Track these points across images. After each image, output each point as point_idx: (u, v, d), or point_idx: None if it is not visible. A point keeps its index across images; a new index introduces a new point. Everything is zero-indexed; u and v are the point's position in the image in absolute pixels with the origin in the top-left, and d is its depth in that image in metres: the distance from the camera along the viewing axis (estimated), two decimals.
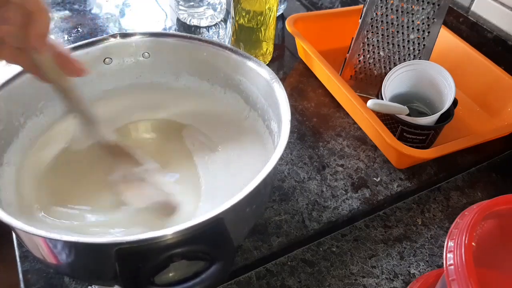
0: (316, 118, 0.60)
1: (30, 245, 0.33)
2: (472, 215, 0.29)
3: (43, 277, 0.40)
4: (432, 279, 0.42)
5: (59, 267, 0.34)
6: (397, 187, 0.51)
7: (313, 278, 0.43)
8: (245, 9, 0.61)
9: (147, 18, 0.78)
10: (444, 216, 0.51)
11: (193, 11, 0.75)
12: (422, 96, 0.58)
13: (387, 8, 0.57)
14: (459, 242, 0.28)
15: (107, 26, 0.75)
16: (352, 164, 0.54)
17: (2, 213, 0.30)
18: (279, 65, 0.70)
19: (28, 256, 0.41)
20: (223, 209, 0.30)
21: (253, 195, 0.32)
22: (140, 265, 0.28)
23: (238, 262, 0.42)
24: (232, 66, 0.47)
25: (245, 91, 0.48)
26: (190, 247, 0.29)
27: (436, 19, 0.56)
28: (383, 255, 0.46)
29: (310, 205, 0.48)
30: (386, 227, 0.49)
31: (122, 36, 0.47)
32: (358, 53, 0.61)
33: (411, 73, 0.57)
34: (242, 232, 0.38)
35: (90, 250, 0.30)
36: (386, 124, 0.53)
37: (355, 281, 0.43)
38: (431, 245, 0.47)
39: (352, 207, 0.48)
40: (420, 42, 0.59)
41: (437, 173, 0.54)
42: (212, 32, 0.76)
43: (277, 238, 0.45)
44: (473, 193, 0.54)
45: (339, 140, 0.57)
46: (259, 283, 0.42)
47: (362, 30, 0.59)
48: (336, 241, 0.47)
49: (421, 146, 0.55)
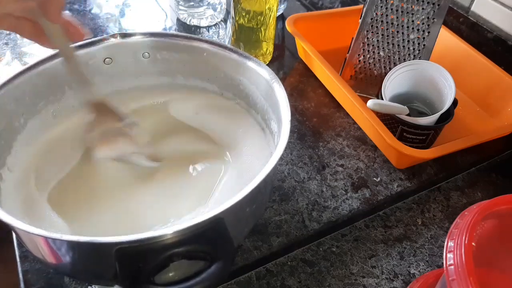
0: (316, 118, 0.60)
1: (30, 245, 0.33)
2: (472, 215, 0.29)
3: (43, 277, 0.40)
4: (432, 279, 0.42)
5: (59, 267, 0.34)
6: (397, 187, 0.51)
7: (313, 278, 0.43)
8: (245, 9, 0.61)
9: (147, 18, 0.78)
10: (444, 216, 0.51)
11: (193, 11, 0.75)
12: (422, 96, 0.58)
13: (387, 8, 0.57)
14: (459, 242, 0.28)
15: (107, 26, 0.75)
16: (352, 164, 0.54)
17: (2, 213, 0.30)
18: (279, 65, 0.70)
19: (28, 256, 0.41)
20: (223, 209, 0.30)
21: (253, 195, 0.32)
22: (140, 265, 0.28)
23: (238, 262, 0.42)
24: (232, 66, 0.47)
25: (245, 91, 0.48)
26: (190, 246, 0.29)
27: (436, 19, 0.56)
28: (383, 255, 0.46)
29: (310, 205, 0.48)
30: (386, 227, 0.49)
31: (122, 36, 0.47)
32: (358, 53, 0.61)
33: (411, 73, 0.57)
34: (242, 232, 0.38)
35: (90, 250, 0.30)
36: (386, 124, 0.53)
37: (355, 281, 0.43)
38: (431, 245, 0.47)
39: (352, 207, 0.48)
40: (420, 42, 0.59)
41: (437, 173, 0.54)
42: (212, 32, 0.76)
43: (277, 238, 0.45)
44: (473, 193, 0.54)
45: (339, 140, 0.57)
46: (259, 283, 0.42)
47: (362, 30, 0.59)
48: (336, 241, 0.47)
49: (421, 146, 0.55)
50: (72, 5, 0.79)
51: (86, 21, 0.75)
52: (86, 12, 0.78)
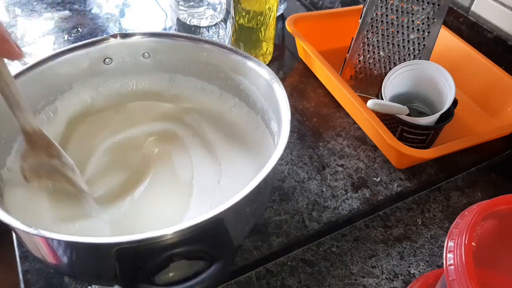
0: (316, 118, 0.60)
1: (30, 245, 0.33)
2: (472, 215, 0.29)
3: (43, 277, 0.40)
4: (432, 279, 0.42)
5: (59, 267, 0.34)
6: (397, 187, 0.51)
7: (313, 278, 0.43)
8: (245, 9, 0.61)
9: (147, 18, 0.78)
10: (444, 216, 0.51)
11: (193, 11, 0.75)
12: (422, 96, 0.58)
13: (387, 8, 0.57)
14: (459, 242, 0.28)
15: (107, 26, 0.75)
16: (352, 164, 0.54)
17: (2, 214, 0.30)
18: (279, 65, 0.70)
19: (28, 256, 0.41)
20: (223, 209, 0.30)
21: (253, 195, 0.32)
22: (140, 265, 0.28)
23: (238, 262, 0.42)
24: (232, 66, 0.47)
25: (245, 91, 0.48)
26: (190, 247, 0.29)
27: (436, 19, 0.56)
28: (383, 255, 0.46)
29: (310, 205, 0.48)
30: (386, 227, 0.49)
31: (122, 36, 0.47)
32: (358, 53, 0.61)
33: (411, 73, 0.57)
34: (242, 232, 0.38)
35: (90, 250, 0.30)
36: (386, 124, 0.53)
37: (355, 281, 0.43)
38: (431, 245, 0.47)
39: (352, 207, 0.48)
40: (420, 42, 0.59)
41: (437, 173, 0.54)
42: (212, 32, 0.76)
43: (277, 238, 0.45)
44: (473, 193, 0.54)
45: (339, 140, 0.57)
46: (259, 283, 0.42)
47: (362, 30, 0.59)
48: (336, 241, 0.47)
49: (421, 146, 0.55)
50: (72, 5, 0.79)
51: (86, 21, 0.75)
52: (86, 12, 0.78)
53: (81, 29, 0.73)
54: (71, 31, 0.72)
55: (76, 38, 0.71)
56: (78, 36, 0.71)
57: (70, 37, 0.71)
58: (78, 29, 0.73)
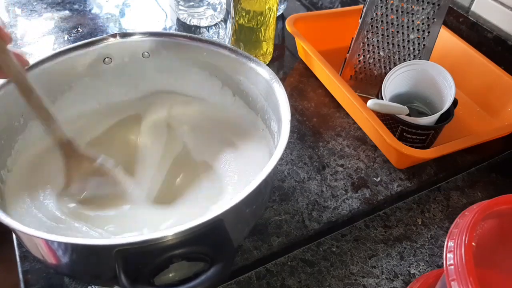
0: (316, 118, 0.60)
1: (30, 246, 0.33)
2: (472, 215, 0.29)
3: (43, 277, 0.40)
4: (432, 279, 0.41)
5: (59, 268, 0.34)
6: (397, 187, 0.51)
7: (313, 278, 0.43)
8: (245, 9, 0.61)
9: (147, 18, 0.78)
10: (444, 216, 0.51)
11: (193, 11, 0.75)
12: (422, 96, 0.58)
13: (387, 8, 0.57)
14: (459, 242, 0.28)
15: (107, 26, 0.74)
16: (352, 164, 0.54)
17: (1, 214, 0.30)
18: (279, 65, 0.70)
19: (28, 256, 0.41)
20: (223, 210, 0.30)
21: (253, 196, 0.32)
22: (140, 266, 0.28)
23: (238, 262, 0.42)
24: (232, 66, 0.47)
25: (245, 91, 0.48)
26: (190, 248, 0.29)
27: (436, 19, 0.56)
28: (383, 255, 0.46)
29: (310, 205, 0.48)
30: (386, 227, 0.49)
31: (122, 36, 0.47)
32: (358, 53, 0.61)
33: (411, 73, 0.57)
34: (242, 232, 0.38)
35: (90, 252, 0.30)
36: (386, 124, 0.53)
37: (355, 281, 0.43)
38: (431, 245, 0.47)
39: (352, 207, 0.48)
40: (420, 42, 0.58)
41: (437, 173, 0.54)
42: (212, 32, 0.76)
43: (277, 238, 0.45)
44: (473, 193, 0.54)
45: (339, 140, 0.57)
46: (259, 283, 0.42)
47: (362, 30, 0.59)
48: (336, 241, 0.47)
49: (421, 146, 0.55)
50: (72, 5, 0.79)
51: (86, 21, 0.75)
52: (86, 12, 0.78)
53: (81, 29, 0.73)
54: (71, 31, 0.72)
55: (76, 38, 0.70)
56: (78, 36, 0.71)
57: (70, 37, 0.71)
58: (78, 29, 0.73)
